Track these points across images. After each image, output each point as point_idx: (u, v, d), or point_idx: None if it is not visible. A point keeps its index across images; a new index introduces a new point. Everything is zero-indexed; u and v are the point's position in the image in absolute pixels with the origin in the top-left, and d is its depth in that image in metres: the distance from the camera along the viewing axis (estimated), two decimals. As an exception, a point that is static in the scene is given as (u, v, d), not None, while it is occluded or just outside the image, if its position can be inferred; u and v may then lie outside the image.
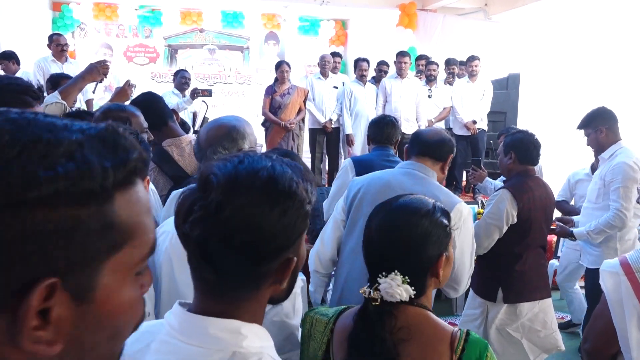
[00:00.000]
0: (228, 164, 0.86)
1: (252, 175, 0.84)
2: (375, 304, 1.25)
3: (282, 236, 0.84)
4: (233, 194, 0.82)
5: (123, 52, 9.97)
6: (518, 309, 2.89)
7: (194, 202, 0.83)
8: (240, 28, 10.29)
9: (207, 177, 0.84)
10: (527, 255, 2.91)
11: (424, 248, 1.28)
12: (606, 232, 3.33)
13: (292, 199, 0.85)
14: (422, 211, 1.31)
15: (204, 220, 0.82)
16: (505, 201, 2.85)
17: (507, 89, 7.49)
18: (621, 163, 3.31)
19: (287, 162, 0.90)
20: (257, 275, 0.86)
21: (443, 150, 2.27)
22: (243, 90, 10.33)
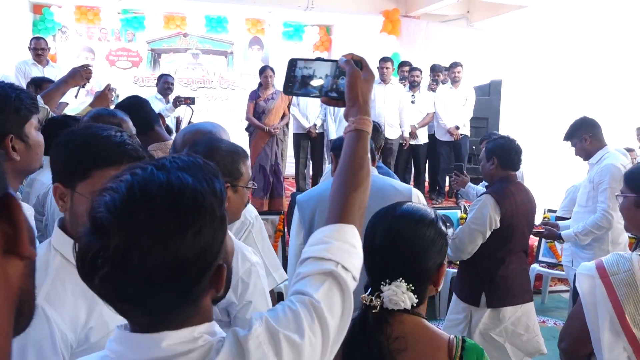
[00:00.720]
0: (116, 195, 0.76)
1: (149, 202, 0.75)
2: (374, 312, 1.26)
3: (203, 256, 0.78)
4: (134, 234, 0.73)
5: (105, 56, 9.88)
6: (501, 313, 2.91)
7: (95, 255, 0.74)
8: (224, 33, 10.26)
9: (98, 218, 0.75)
10: (509, 260, 2.94)
11: (429, 257, 1.29)
12: (594, 232, 3.41)
13: (203, 213, 0.78)
14: (427, 220, 1.32)
15: (113, 274, 0.74)
16: (488, 206, 2.88)
17: (490, 95, 7.59)
18: (609, 165, 3.41)
19: (184, 163, 0.82)
20: (191, 297, 0.81)
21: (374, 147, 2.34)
22: (227, 95, 10.30)
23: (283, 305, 0.89)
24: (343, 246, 0.96)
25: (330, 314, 0.88)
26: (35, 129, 1.48)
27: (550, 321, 4.71)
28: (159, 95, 6.25)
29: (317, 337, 0.86)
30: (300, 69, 1.21)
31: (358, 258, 0.99)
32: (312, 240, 0.99)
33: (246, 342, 0.81)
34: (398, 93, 6.91)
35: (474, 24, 9.57)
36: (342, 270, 0.93)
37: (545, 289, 5.26)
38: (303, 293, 0.89)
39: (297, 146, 7.11)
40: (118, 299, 0.77)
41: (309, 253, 0.96)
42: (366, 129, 1.12)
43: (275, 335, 0.83)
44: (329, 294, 0.90)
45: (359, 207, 1.05)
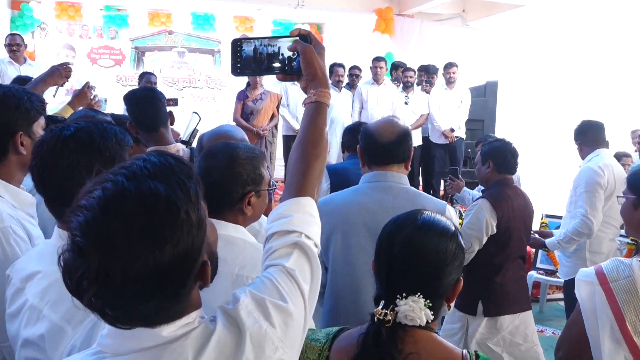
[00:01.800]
0: (88, 214, 0.78)
1: (123, 220, 0.77)
2: (388, 326, 1.23)
3: (185, 261, 0.82)
4: (112, 254, 0.77)
5: (86, 53, 9.81)
6: (499, 322, 2.92)
7: (80, 277, 0.78)
8: (211, 30, 10.24)
9: (75, 242, 0.78)
10: (507, 267, 2.95)
11: (449, 272, 1.28)
12: (575, 239, 3.41)
13: (179, 225, 0.81)
14: (449, 233, 1.30)
15: (100, 294, 0.79)
16: (484, 211, 2.89)
17: (485, 97, 7.63)
18: (586, 168, 3.45)
19: (155, 168, 0.83)
20: (179, 298, 0.86)
21: (406, 148, 2.09)
22: (214, 95, 10.27)
23: (263, 277, 0.98)
24: (303, 217, 1.07)
25: (303, 279, 0.99)
26: (42, 128, 1.67)
27: (548, 330, 4.73)
28: None
29: (298, 300, 0.96)
30: (246, 48, 1.22)
31: (317, 226, 1.10)
32: (274, 215, 1.09)
33: (237, 313, 0.90)
34: (391, 94, 6.93)
35: (469, 23, 9.64)
36: (306, 239, 1.04)
37: (543, 297, 5.28)
38: (277, 264, 0.99)
39: (286, 148, 7.10)
40: (108, 311, 0.81)
41: (274, 228, 1.05)
42: (325, 101, 1.20)
43: (261, 302, 0.92)
44: (299, 262, 1.01)
45: (318, 176, 1.15)
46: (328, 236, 2.06)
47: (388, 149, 2.06)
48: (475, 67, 8.30)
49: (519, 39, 8.81)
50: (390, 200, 2.01)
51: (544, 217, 5.27)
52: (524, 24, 8.81)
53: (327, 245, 2.06)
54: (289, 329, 0.93)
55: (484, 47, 8.85)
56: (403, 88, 7.10)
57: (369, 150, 2.12)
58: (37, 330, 1.14)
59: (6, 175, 1.61)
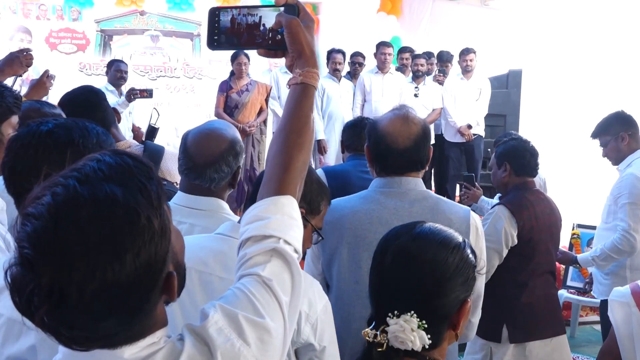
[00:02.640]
0: (37, 223, 0.79)
1: (75, 229, 0.78)
2: (380, 350, 1.22)
3: (147, 274, 0.83)
4: (65, 269, 0.77)
5: (45, 37, 9.80)
6: (527, 349, 2.90)
7: (31, 293, 0.78)
8: (189, 11, 10.24)
9: (23, 255, 0.79)
10: (533, 284, 2.94)
11: (449, 289, 1.24)
12: (613, 257, 3.36)
13: (140, 233, 0.82)
14: (451, 243, 1.27)
15: (53, 312, 0.79)
16: (502, 219, 2.89)
17: (508, 88, 7.64)
18: (629, 175, 3.35)
19: (110, 169, 0.84)
20: (142, 314, 0.87)
21: (426, 153, 2.06)
22: (192, 85, 10.26)
23: (235, 288, 0.99)
24: (282, 219, 1.08)
25: (282, 290, 1.00)
26: (13, 128, 1.67)
27: (581, 358, 4.73)
28: (110, 86, 6.18)
29: (276, 314, 0.98)
30: (223, 18, 1.23)
31: (298, 229, 1.11)
32: (249, 217, 1.10)
33: (205, 331, 0.91)
34: (399, 84, 6.94)
35: (488, 3, 9.66)
36: (285, 245, 1.05)
37: (574, 319, 5.28)
38: (251, 274, 1.00)
39: (277, 148, 7.09)
40: (63, 331, 0.82)
41: (249, 232, 1.06)
42: (313, 84, 1.20)
43: (234, 317, 0.93)
44: (277, 270, 1.02)
45: (301, 171, 1.15)
46: (332, 250, 2.04)
47: (405, 156, 2.01)
48: (496, 53, 8.32)
49: (546, 21, 8.83)
50: (407, 209, 1.99)
51: (575, 227, 5.27)
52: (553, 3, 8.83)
53: (331, 261, 2.05)
54: (266, 346, 0.94)
55: (505, 30, 8.87)
56: (412, 78, 7.11)
57: (380, 158, 2.07)
58: (23, 344, 1.17)
59: None
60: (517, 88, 7.63)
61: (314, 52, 1.21)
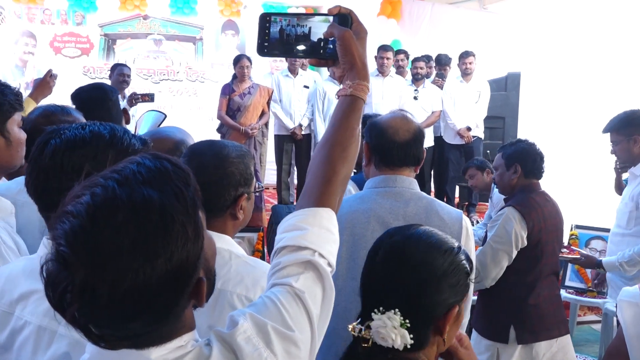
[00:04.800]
0: (75, 222, 0.80)
1: (112, 230, 0.79)
2: (365, 346, 1.21)
3: (178, 278, 0.84)
4: (99, 267, 0.79)
5: (49, 42, 9.82)
6: (534, 349, 2.90)
7: (64, 290, 0.80)
8: (192, 15, 10.26)
9: (60, 252, 0.80)
10: (540, 285, 2.94)
11: (436, 291, 1.23)
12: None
13: (174, 238, 0.82)
14: (443, 247, 1.27)
15: (84, 310, 0.80)
16: (512, 221, 2.88)
17: (506, 91, 7.65)
18: None
19: (149, 173, 0.85)
20: (171, 317, 0.88)
21: (421, 151, 2.11)
22: (195, 88, 10.27)
23: (266, 297, 0.98)
24: (319, 232, 1.07)
25: (312, 302, 0.99)
26: (18, 126, 1.67)
27: (579, 357, 4.72)
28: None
29: (305, 327, 0.97)
30: (276, 25, 1.22)
31: (334, 244, 1.10)
32: (287, 225, 1.08)
33: (234, 339, 0.91)
34: (398, 87, 6.95)
35: (488, 7, 9.66)
36: (319, 258, 1.04)
37: (573, 319, 5.26)
38: (284, 284, 0.99)
39: (279, 150, 7.10)
40: (92, 329, 0.83)
41: (285, 241, 1.05)
42: (362, 97, 1.18)
43: (263, 327, 0.93)
44: (309, 283, 1.01)
45: (342, 184, 1.15)
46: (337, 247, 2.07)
47: (403, 150, 2.07)
48: (495, 56, 8.32)
49: (545, 24, 8.83)
50: (402, 208, 2.03)
51: (573, 228, 5.27)
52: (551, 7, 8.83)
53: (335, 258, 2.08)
54: (292, 358, 0.94)
55: (504, 33, 8.87)
56: (412, 81, 7.12)
57: (381, 150, 2.11)
58: (56, 351, 1.16)
59: None
60: (515, 91, 7.65)
61: (366, 64, 1.20)
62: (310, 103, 6.94)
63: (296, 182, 7.26)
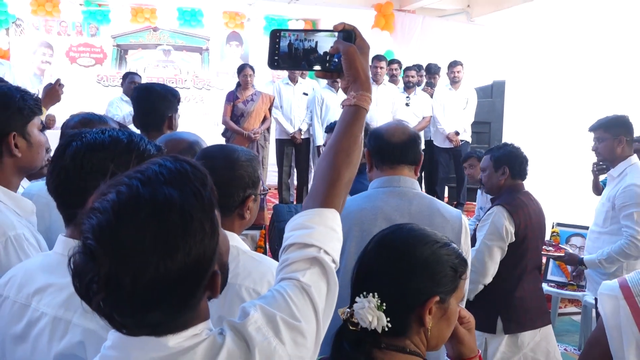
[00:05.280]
0: (102, 217, 0.82)
1: (135, 227, 0.82)
2: (354, 330, 1.20)
3: (196, 271, 0.86)
4: (123, 260, 0.81)
5: (65, 52, 9.81)
6: (520, 339, 2.93)
7: (90, 281, 0.82)
8: (199, 27, 10.26)
9: (87, 245, 0.83)
10: (526, 279, 2.97)
11: (413, 277, 1.21)
12: (620, 261, 3.36)
13: (192, 234, 0.85)
14: (428, 239, 1.26)
15: (108, 299, 0.83)
16: (502, 218, 2.92)
17: (492, 97, 7.66)
18: (632, 185, 3.31)
19: (170, 174, 0.87)
20: (188, 308, 0.90)
21: (417, 151, 2.15)
22: (202, 95, 10.28)
23: (275, 291, 1.00)
24: (325, 231, 1.09)
25: (318, 295, 1.01)
26: (38, 128, 1.69)
27: (560, 347, 4.72)
28: (125, 97, 6.08)
29: (310, 318, 0.98)
30: (285, 40, 1.24)
31: (338, 242, 1.12)
32: (294, 224, 1.10)
33: (245, 329, 0.93)
34: (391, 94, 6.95)
35: (474, 19, 9.67)
36: (324, 255, 1.06)
37: (554, 311, 5.28)
38: (291, 278, 1.01)
39: (279, 153, 7.10)
40: (115, 317, 0.86)
41: (293, 239, 1.07)
42: (365, 107, 1.21)
43: (272, 318, 0.95)
44: (315, 278, 1.02)
45: (346, 187, 1.17)
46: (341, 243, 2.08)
47: (399, 148, 2.11)
48: (482, 65, 8.33)
49: (528, 35, 8.85)
50: (406, 206, 2.04)
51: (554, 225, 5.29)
52: (533, 19, 8.85)
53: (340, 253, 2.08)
54: (299, 346, 0.96)
55: (490, 44, 8.88)
56: (404, 88, 7.13)
57: (379, 151, 2.15)
58: (71, 340, 1.16)
59: (3, 180, 1.61)
60: (500, 97, 7.66)
61: (369, 77, 1.23)
62: (309, 109, 6.94)
63: (296, 183, 7.26)
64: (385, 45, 9.28)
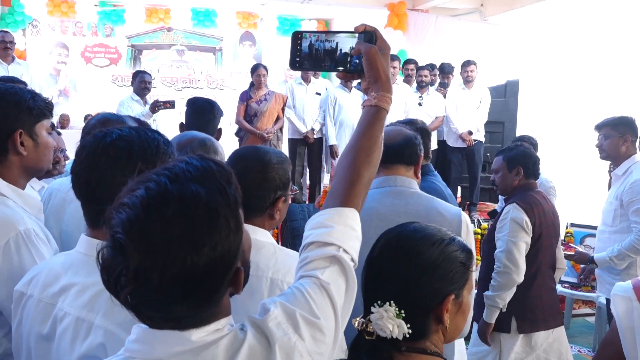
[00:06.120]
0: (131, 212, 0.85)
1: (164, 221, 0.84)
2: (369, 339, 1.20)
3: (220, 266, 0.88)
4: (151, 254, 0.83)
5: (80, 52, 9.90)
6: (533, 339, 2.92)
7: (118, 274, 0.84)
8: (212, 27, 10.30)
9: (116, 239, 0.84)
10: (540, 278, 2.96)
11: (427, 281, 1.21)
12: (630, 256, 3.37)
13: (217, 230, 0.86)
14: (434, 239, 1.25)
15: (137, 292, 0.85)
16: (520, 213, 2.91)
17: (505, 97, 7.60)
18: (638, 182, 3.35)
19: (197, 171, 0.89)
20: (212, 302, 0.91)
21: (413, 152, 2.13)
22: (215, 95, 10.30)
23: (295, 288, 1.01)
24: (344, 230, 1.09)
25: (337, 293, 1.02)
26: (47, 131, 1.69)
27: (574, 348, 4.69)
28: (136, 96, 6.07)
29: (329, 315, 0.99)
30: (306, 42, 1.24)
31: (357, 240, 1.12)
32: (314, 223, 1.11)
33: (266, 324, 0.94)
34: (404, 94, 6.92)
35: (488, 19, 9.62)
36: (343, 253, 1.06)
37: (568, 312, 5.24)
38: (311, 276, 1.02)
39: (292, 153, 7.10)
40: (142, 310, 0.88)
41: (312, 237, 1.08)
42: (386, 107, 1.22)
43: (292, 315, 0.96)
44: (334, 276, 1.03)
45: (366, 186, 1.17)
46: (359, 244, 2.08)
47: (394, 149, 2.10)
48: (495, 65, 8.28)
49: (541, 34, 8.79)
50: (402, 205, 2.02)
51: (568, 226, 5.25)
52: (547, 18, 8.78)
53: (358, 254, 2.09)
54: (318, 343, 0.97)
55: (504, 43, 8.83)
56: (417, 88, 7.10)
57: None
58: (93, 342, 1.16)
59: (9, 178, 1.61)
60: (514, 97, 7.60)
61: (389, 78, 1.23)
62: (322, 109, 6.93)
63: (308, 182, 7.26)
64: (398, 44, 9.26)
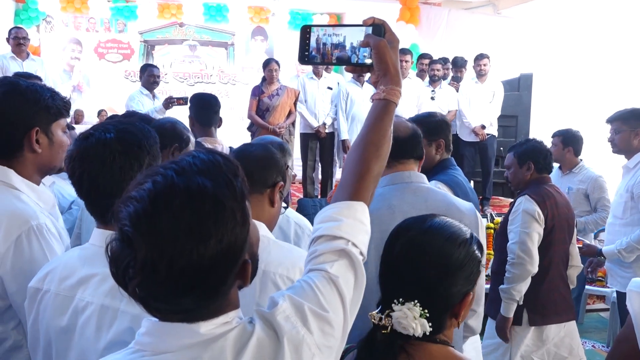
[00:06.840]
0: (138, 205, 0.85)
1: (171, 214, 0.84)
2: (384, 333, 1.22)
3: (227, 258, 0.88)
4: (159, 246, 0.84)
5: (94, 48, 9.95)
6: (544, 333, 2.91)
7: (126, 266, 0.85)
8: (224, 22, 10.31)
9: (124, 232, 0.85)
10: (553, 271, 2.95)
11: (453, 282, 1.23)
12: (639, 249, 3.34)
13: (224, 221, 0.87)
14: (459, 239, 1.26)
15: (144, 284, 0.85)
16: (532, 204, 2.90)
17: (519, 91, 7.54)
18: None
19: (203, 164, 0.90)
20: (219, 294, 0.91)
21: (422, 146, 2.14)
22: (227, 90, 10.33)
23: (303, 282, 1.01)
24: (353, 223, 1.09)
25: (346, 287, 1.01)
26: (63, 130, 1.70)
27: (588, 343, 4.65)
28: (145, 90, 5.99)
29: (338, 309, 0.99)
30: (315, 36, 1.23)
31: (366, 234, 1.12)
32: (323, 216, 1.11)
33: (274, 318, 0.94)
34: (416, 88, 6.89)
35: (501, 12, 9.55)
36: (352, 247, 1.06)
37: (582, 307, 5.20)
38: (320, 269, 1.02)
39: (304, 147, 7.10)
40: (150, 301, 0.89)
41: (321, 231, 1.08)
42: (395, 101, 1.21)
43: (300, 308, 0.96)
44: (343, 270, 1.03)
45: (375, 180, 1.17)
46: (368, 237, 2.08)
47: (407, 143, 2.09)
48: (508, 58, 8.22)
49: (555, 27, 8.70)
50: (422, 202, 1.99)
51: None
52: (560, 11, 8.70)
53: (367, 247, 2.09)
54: (327, 336, 0.97)
55: (517, 37, 8.76)
56: (429, 82, 7.06)
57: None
58: (119, 327, 1.19)
59: (24, 174, 1.62)
60: (528, 91, 7.54)
61: (399, 71, 1.22)
62: (334, 103, 6.92)
63: (320, 177, 7.26)
64: (411, 38, 9.22)
